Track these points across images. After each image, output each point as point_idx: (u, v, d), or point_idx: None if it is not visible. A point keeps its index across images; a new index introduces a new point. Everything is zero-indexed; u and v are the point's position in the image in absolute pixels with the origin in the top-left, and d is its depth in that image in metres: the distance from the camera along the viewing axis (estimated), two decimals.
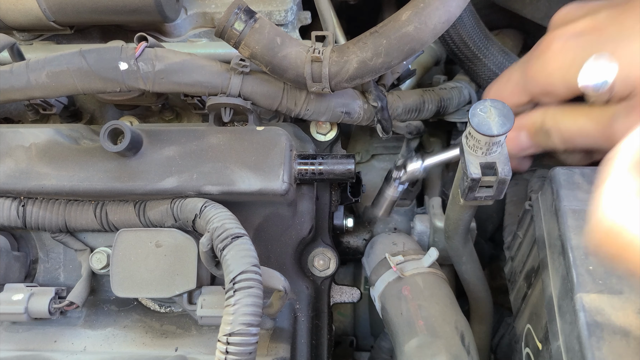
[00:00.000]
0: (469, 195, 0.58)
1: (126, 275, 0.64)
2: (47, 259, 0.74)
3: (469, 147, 0.56)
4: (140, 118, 0.84)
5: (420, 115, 0.84)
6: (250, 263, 0.56)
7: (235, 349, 0.52)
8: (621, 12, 0.62)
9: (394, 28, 0.62)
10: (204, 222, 0.62)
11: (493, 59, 0.92)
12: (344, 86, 0.66)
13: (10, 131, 0.71)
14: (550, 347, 0.59)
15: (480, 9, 0.94)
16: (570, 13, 0.69)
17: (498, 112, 0.54)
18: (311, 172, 0.71)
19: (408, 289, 0.74)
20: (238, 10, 0.63)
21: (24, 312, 0.67)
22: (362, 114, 0.76)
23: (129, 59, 0.66)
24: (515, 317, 0.76)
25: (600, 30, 0.62)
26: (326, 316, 0.77)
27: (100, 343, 0.70)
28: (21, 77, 0.68)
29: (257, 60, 0.65)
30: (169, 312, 0.73)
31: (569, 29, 0.64)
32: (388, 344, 0.92)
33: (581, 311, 0.53)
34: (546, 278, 0.62)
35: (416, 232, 0.88)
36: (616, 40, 0.60)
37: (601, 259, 0.55)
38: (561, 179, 0.62)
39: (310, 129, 0.82)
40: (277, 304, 0.64)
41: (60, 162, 0.68)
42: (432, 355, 0.67)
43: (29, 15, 0.75)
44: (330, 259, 0.78)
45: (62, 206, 0.69)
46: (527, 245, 0.73)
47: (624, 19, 0.61)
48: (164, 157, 0.68)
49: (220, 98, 0.69)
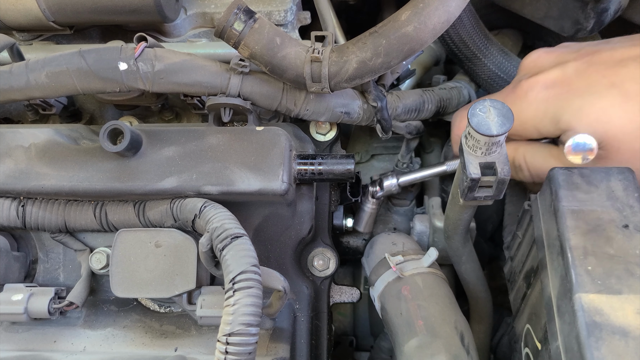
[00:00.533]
0: (469, 195, 0.58)
1: (126, 275, 0.64)
2: (47, 259, 0.74)
3: (469, 147, 0.56)
4: (140, 118, 0.84)
5: (419, 115, 0.84)
6: (250, 263, 0.56)
7: (234, 349, 0.52)
8: (587, 67, 0.67)
9: (393, 28, 0.62)
10: (204, 222, 0.62)
11: (493, 59, 0.92)
12: (343, 86, 0.66)
13: (9, 131, 0.71)
14: (550, 347, 0.59)
15: (480, 9, 0.95)
16: (540, 59, 0.74)
17: (497, 112, 0.54)
18: (311, 172, 0.71)
19: (408, 289, 0.74)
20: (237, 10, 0.63)
21: (24, 312, 0.67)
22: (361, 114, 0.76)
23: (129, 59, 0.66)
24: (514, 317, 0.76)
25: (569, 84, 0.67)
26: (326, 316, 0.77)
27: (99, 343, 0.70)
28: (21, 77, 0.68)
29: (257, 60, 0.65)
30: (169, 312, 0.73)
31: (541, 79, 0.69)
32: (388, 344, 0.92)
33: (580, 311, 0.53)
34: (545, 278, 0.62)
35: (416, 232, 0.88)
36: (584, 96, 0.65)
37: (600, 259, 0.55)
38: (560, 179, 0.62)
39: (309, 129, 0.82)
40: (276, 304, 0.64)
41: (60, 163, 0.68)
42: (432, 355, 0.67)
43: (29, 15, 0.75)
44: (329, 259, 0.79)
45: (61, 206, 0.69)
46: (526, 245, 0.73)
47: (590, 73, 0.66)
48: (164, 157, 0.68)
49: (220, 98, 0.69)
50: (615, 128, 0.63)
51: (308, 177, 0.71)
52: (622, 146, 0.63)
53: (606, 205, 0.60)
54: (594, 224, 0.58)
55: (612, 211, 0.59)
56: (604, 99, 0.64)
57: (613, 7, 0.86)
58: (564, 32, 0.90)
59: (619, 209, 0.59)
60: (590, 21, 0.86)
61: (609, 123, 0.63)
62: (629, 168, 0.63)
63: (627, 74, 0.64)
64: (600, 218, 0.59)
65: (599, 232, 0.58)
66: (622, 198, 0.60)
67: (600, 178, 0.62)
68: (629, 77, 0.64)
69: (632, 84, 0.64)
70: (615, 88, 0.64)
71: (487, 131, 0.53)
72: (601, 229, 0.58)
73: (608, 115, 0.63)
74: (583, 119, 0.64)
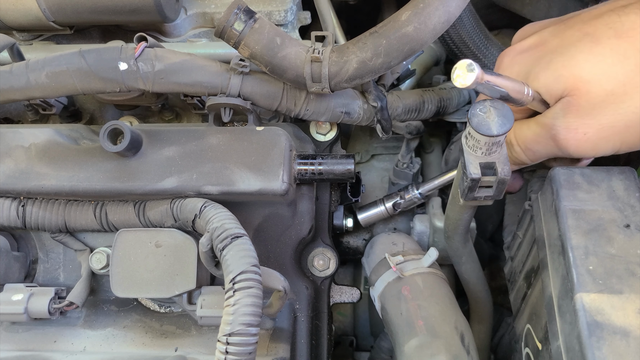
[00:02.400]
0: (469, 195, 0.58)
1: (126, 275, 0.64)
2: (47, 259, 0.74)
3: (469, 147, 0.56)
4: (140, 118, 0.84)
5: (420, 115, 0.84)
6: (250, 263, 0.56)
7: (235, 349, 0.52)
8: (563, 28, 0.65)
9: (393, 28, 0.62)
10: (204, 222, 0.62)
11: (493, 59, 0.92)
12: (343, 86, 0.66)
13: (10, 131, 0.71)
14: (550, 347, 0.59)
15: (480, 9, 0.94)
16: (525, 31, 0.73)
17: (498, 112, 0.54)
18: (311, 172, 0.71)
19: (408, 289, 0.74)
20: (238, 10, 0.63)
21: (24, 312, 0.67)
22: (361, 114, 0.76)
23: (129, 59, 0.66)
24: (515, 317, 0.76)
25: (543, 45, 0.66)
26: (326, 316, 0.77)
27: (100, 343, 0.70)
28: (21, 77, 0.68)
29: (257, 60, 0.65)
30: (169, 312, 0.73)
31: (517, 46, 0.69)
32: (388, 344, 0.92)
33: (581, 311, 0.53)
34: (546, 278, 0.62)
35: (416, 232, 0.88)
36: (555, 51, 0.63)
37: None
38: (561, 178, 0.62)
39: (310, 129, 0.82)
40: (276, 304, 0.64)
41: (60, 163, 0.68)
42: (432, 355, 0.67)
43: (29, 15, 0.75)
44: (330, 259, 0.78)
45: (61, 206, 0.69)
46: (527, 245, 0.73)
47: (564, 32, 0.64)
48: (164, 157, 0.68)
49: (220, 98, 0.69)
50: (583, 71, 0.60)
51: (308, 177, 0.71)
52: (591, 88, 0.60)
53: (607, 205, 0.60)
54: (595, 223, 0.58)
55: (613, 211, 0.59)
56: (574, 48, 0.62)
57: None
58: None
59: (620, 209, 0.59)
60: None
61: (577, 66, 0.60)
62: (629, 168, 0.63)
63: (601, 22, 0.62)
64: (601, 218, 0.59)
65: (600, 231, 0.58)
66: (623, 198, 0.60)
67: (601, 178, 0.62)
68: (602, 24, 0.62)
69: (605, 29, 0.61)
70: (587, 36, 0.62)
71: (488, 131, 0.53)
72: (602, 228, 0.58)
73: (576, 60, 0.61)
74: (550, 67, 0.62)
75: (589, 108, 0.60)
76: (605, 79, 0.59)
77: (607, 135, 0.60)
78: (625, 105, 0.59)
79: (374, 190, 0.96)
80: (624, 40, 0.59)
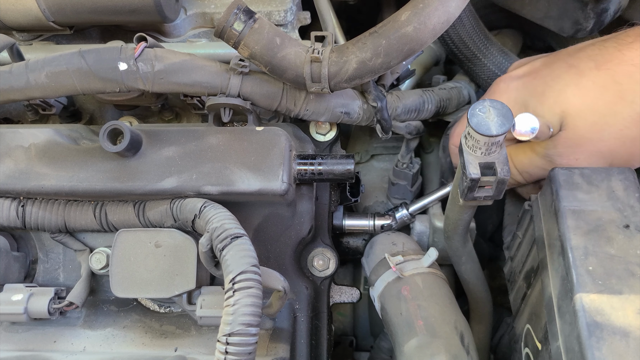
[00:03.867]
0: (468, 195, 0.58)
1: (126, 275, 0.64)
2: (47, 259, 0.74)
3: (468, 147, 0.56)
4: (140, 118, 0.84)
5: (419, 115, 0.84)
6: (250, 263, 0.56)
7: (234, 349, 0.52)
8: (553, 60, 0.72)
9: (393, 28, 0.62)
10: (204, 223, 0.62)
11: (492, 59, 0.92)
12: (343, 86, 0.66)
13: (9, 131, 0.71)
14: (550, 347, 0.59)
15: (480, 9, 0.95)
16: (519, 62, 0.81)
17: (497, 113, 0.54)
18: (310, 172, 0.71)
19: (407, 289, 0.74)
20: (237, 10, 0.63)
21: (24, 312, 0.67)
22: (361, 114, 0.76)
23: (129, 59, 0.66)
24: (514, 317, 0.76)
25: (535, 74, 0.72)
26: (326, 316, 0.77)
27: (99, 343, 0.70)
28: (21, 77, 0.68)
29: (257, 60, 0.65)
30: (169, 313, 0.73)
31: (513, 73, 0.76)
32: (387, 344, 0.92)
33: (581, 311, 0.53)
34: (546, 278, 0.62)
35: (416, 232, 0.88)
36: (546, 80, 0.69)
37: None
38: (561, 179, 0.62)
39: (309, 129, 0.82)
40: (276, 304, 0.64)
41: (60, 163, 0.68)
42: (432, 355, 0.67)
43: (29, 15, 0.75)
44: (329, 259, 0.78)
45: (61, 206, 0.69)
46: (526, 245, 0.73)
47: (554, 64, 0.71)
48: (164, 157, 0.68)
49: (220, 98, 0.69)
50: (570, 106, 0.66)
51: (308, 177, 0.71)
52: (578, 122, 0.65)
53: (607, 205, 0.60)
54: (594, 224, 0.58)
55: (613, 211, 0.59)
56: (562, 80, 0.67)
57: (613, 7, 0.86)
58: (564, 32, 0.90)
59: (620, 209, 0.59)
60: (590, 21, 0.86)
61: (565, 102, 0.66)
62: (629, 168, 0.63)
63: (584, 55, 0.68)
64: (600, 218, 0.59)
65: (599, 232, 0.58)
66: (622, 198, 0.60)
67: (601, 178, 0.62)
68: (585, 57, 0.68)
69: (587, 61, 0.67)
70: (572, 68, 0.68)
71: (487, 131, 0.53)
72: (602, 229, 0.58)
73: (564, 95, 0.66)
74: (545, 102, 0.67)
75: (577, 139, 0.66)
76: (589, 113, 0.65)
77: (596, 160, 0.67)
78: (606, 134, 0.65)
79: (374, 190, 0.96)
80: (603, 72, 0.65)
